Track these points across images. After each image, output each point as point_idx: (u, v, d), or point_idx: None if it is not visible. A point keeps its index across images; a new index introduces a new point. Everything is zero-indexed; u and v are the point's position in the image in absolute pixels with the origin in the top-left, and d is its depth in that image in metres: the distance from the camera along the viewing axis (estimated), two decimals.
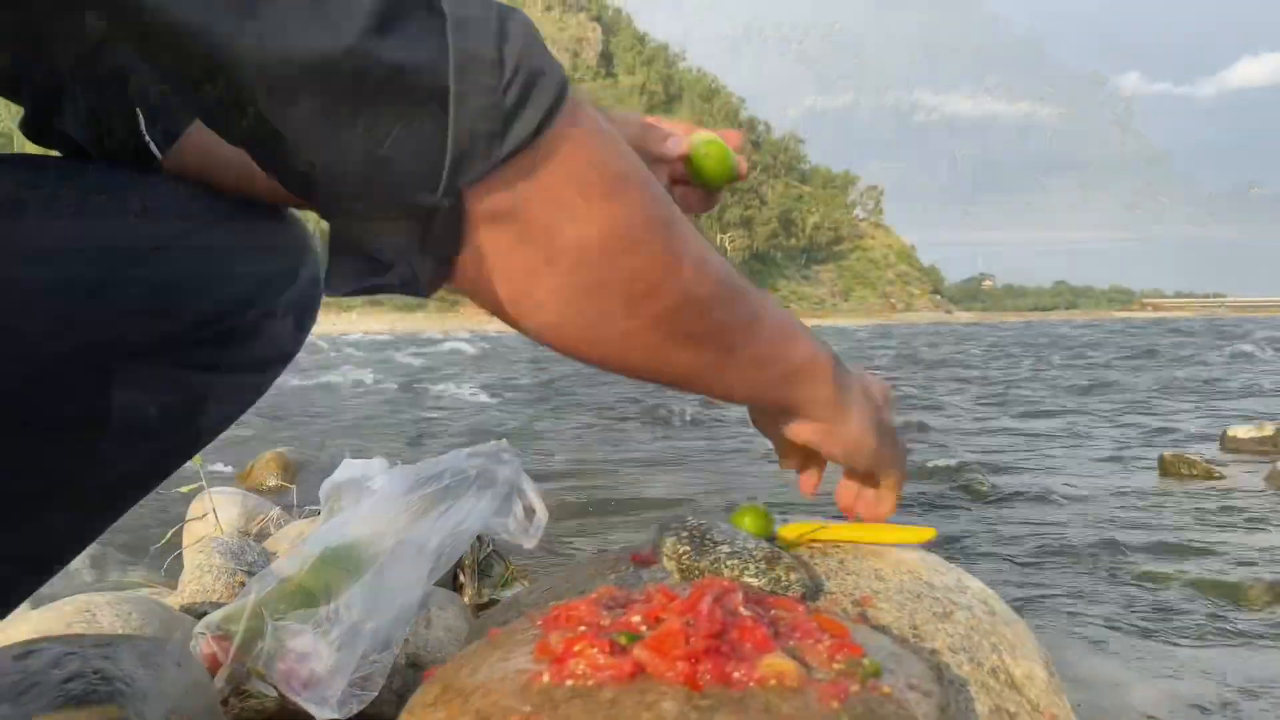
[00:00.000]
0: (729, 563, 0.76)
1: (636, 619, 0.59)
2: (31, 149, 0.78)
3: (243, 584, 1.54)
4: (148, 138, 0.74)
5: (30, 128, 0.75)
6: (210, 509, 1.98)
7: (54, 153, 0.75)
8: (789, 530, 0.89)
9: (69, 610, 1.22)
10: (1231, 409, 5.85)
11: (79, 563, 1.81)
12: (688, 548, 0.79)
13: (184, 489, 2.02)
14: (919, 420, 5.22)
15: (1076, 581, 2.02)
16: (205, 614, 1.23)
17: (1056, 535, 2.42)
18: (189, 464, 0.89)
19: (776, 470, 0.96)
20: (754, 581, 0.74)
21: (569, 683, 0.54)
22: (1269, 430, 3.99)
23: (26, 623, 1.20)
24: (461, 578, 1.80)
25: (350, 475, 1.51)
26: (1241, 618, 1.77)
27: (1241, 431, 4.08)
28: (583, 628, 0.59)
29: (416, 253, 0.51)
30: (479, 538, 1.94)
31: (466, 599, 1.73)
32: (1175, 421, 5.16)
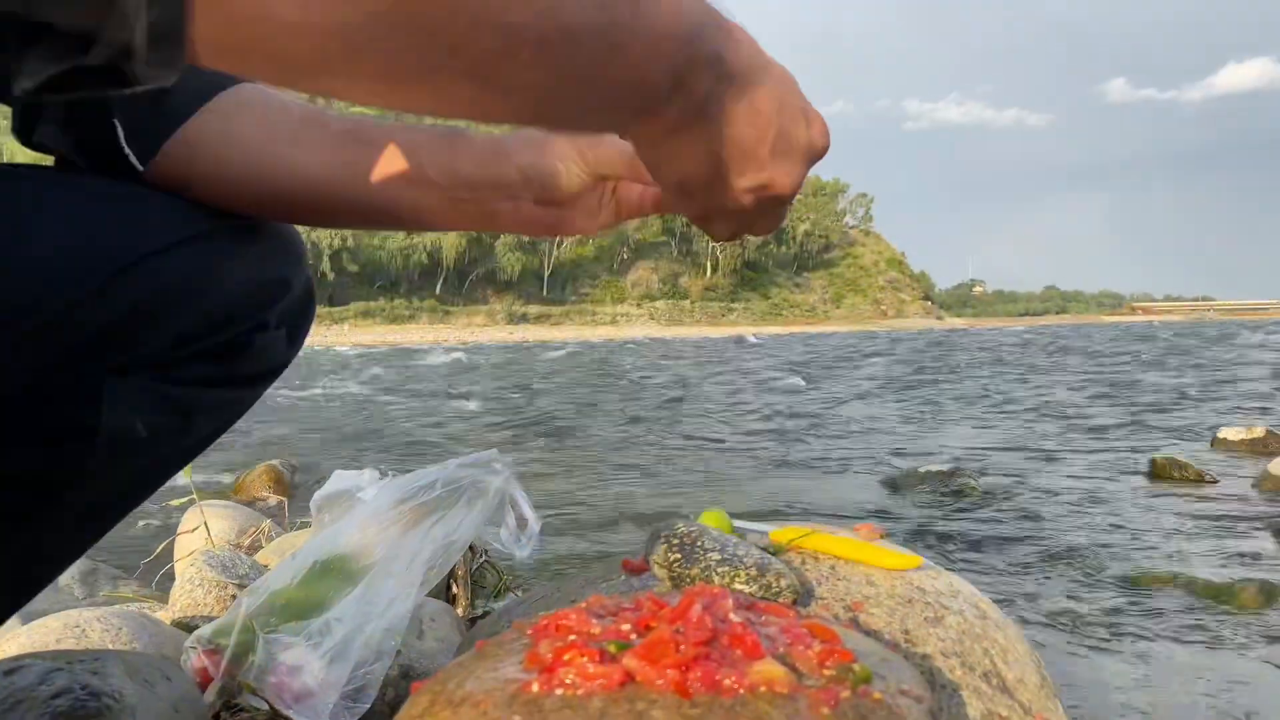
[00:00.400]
0: (720, 570, 0.76)
1: (626, 627, 0.59)
2: (24, 156, 0.77)
3: (234, 597, 1.53)
4: (126, 150, 0.71)
5: (20, 133, 0.74)
6: (202, 522, 1.97)
7: (46, 159, 0.74)
8: (780, 535, 0.89)
9: (57, 626, 1.21)
10: (1221, 410, 5.87)
11: (68, 578, 1.80)
12: (678, 555, 0.78)
13: (175, 502, 2.01)
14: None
15: (1068, 585, 2.02)
16: (196, 628, 1.23)
17: (1048, 538, 2.43)
18: (180, 477, 0.88)
19: (769, 483, 0.95)
20: (745, 588, 0.74)
21: (558, 692, 0.53)
22: (1259, 432, 4.01)
23: (14, 639, 1.19)
24: (455, 589, 1.80)
25: (341, 487, 1.50)
26: (1233, 620, 1.77)
27: (1232, 434, 4.11)
28: (572, 637, 0.58)
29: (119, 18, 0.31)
30: (472, 548, 1.93)
31: (460, 610, 1.73)
32: (1166, 423, 5.18)
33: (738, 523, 0.92)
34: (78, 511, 0.71)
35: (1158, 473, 3.41)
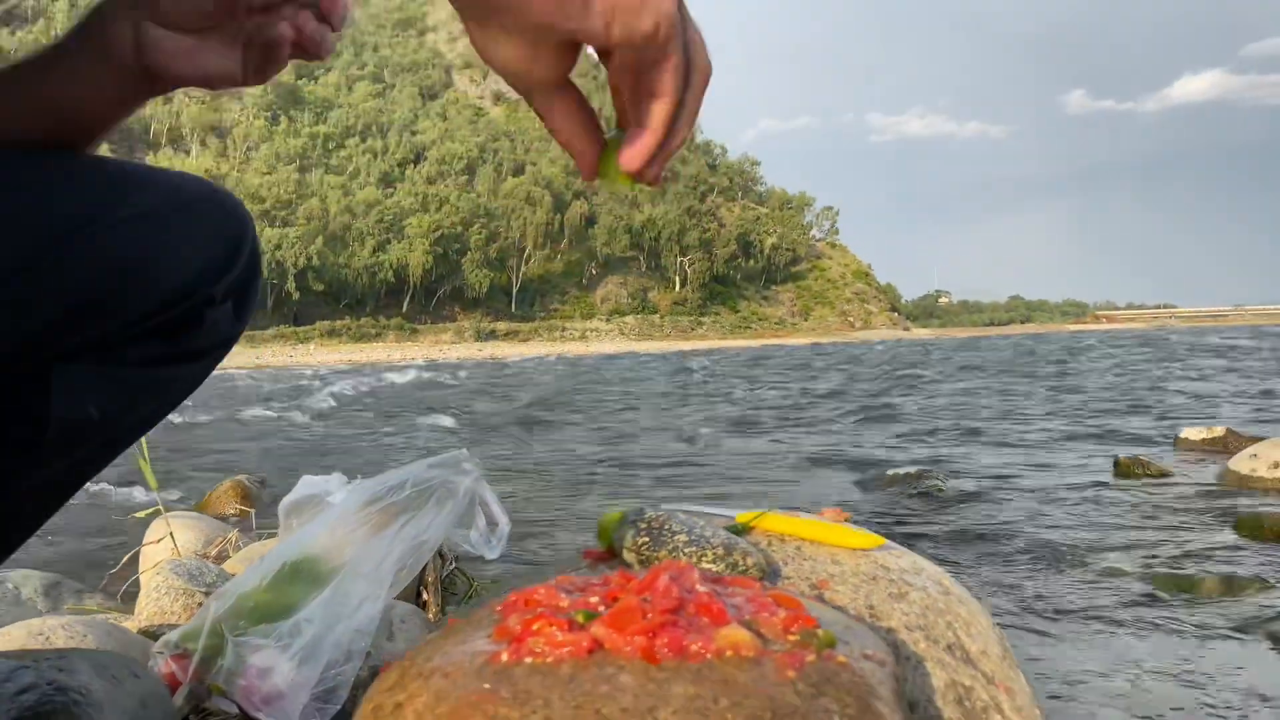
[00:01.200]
0: (687, 550, 0.76)
1: (594, 599, 0.60)
2: None
3: (201, 604, 1.52)
4: None
5: None
6: (167, 533, 1.95)
7: None
8: (746, 517, 0.90)
9: (21, 635, 1.20)
10: (1183, 412, 5.96)
11: (30, 592, 1.78)
12: (646, 539, 0.79)
13: (140, 514, 1.98)
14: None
15: (1035, 579, 2.04)
16: (163, 636, 1.21)
17: (1015, 535, 2.45)
18: (145, 489, 0.88)
19: (735, 484, 0.96)
20: (712, 567, 0.75)
21: (527, 660, 0.54)
22: (1218, 432, 4.09)
23: None
24: (425, 594, 1.79)
25: (309, 492, 1.50)
26: (1195, 610, 1.80)
27: (1193, 433, 4.19)
28: (541, 609, 0.59)
29: None
30: (442, 555, 1.93)
31: (430, 615, 1.72)
32: (1129, 425, 5.26)
33: (702, 508, 0.93)
34: (28, 496, 0.70)
35: (1122, 471, 3.46)
